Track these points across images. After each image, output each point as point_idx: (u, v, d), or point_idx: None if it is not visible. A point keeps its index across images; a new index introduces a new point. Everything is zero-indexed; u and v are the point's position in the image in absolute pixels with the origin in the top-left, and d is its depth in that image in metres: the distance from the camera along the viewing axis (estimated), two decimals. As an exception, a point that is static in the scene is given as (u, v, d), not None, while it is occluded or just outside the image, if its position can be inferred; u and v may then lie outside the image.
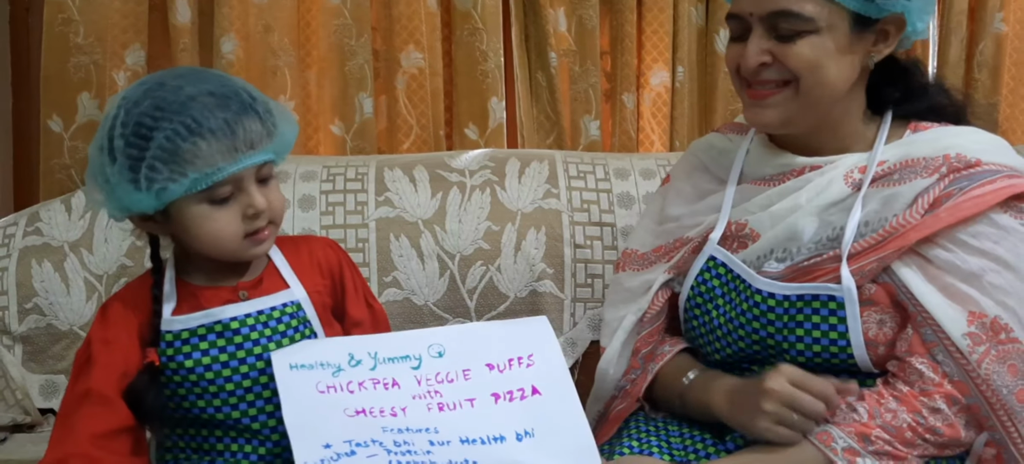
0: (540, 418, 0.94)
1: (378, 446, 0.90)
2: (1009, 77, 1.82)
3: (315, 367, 0.98)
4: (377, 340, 1.02)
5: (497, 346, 1.00)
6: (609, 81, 1.81)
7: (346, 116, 1.73)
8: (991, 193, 0.94)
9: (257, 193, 1.03)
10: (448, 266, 1.52)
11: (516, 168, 1.59)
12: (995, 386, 0.91)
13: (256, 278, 1.10)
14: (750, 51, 1.01)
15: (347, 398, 0.95)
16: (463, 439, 0.92)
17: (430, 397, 0.95)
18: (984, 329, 0.91)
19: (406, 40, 1.70)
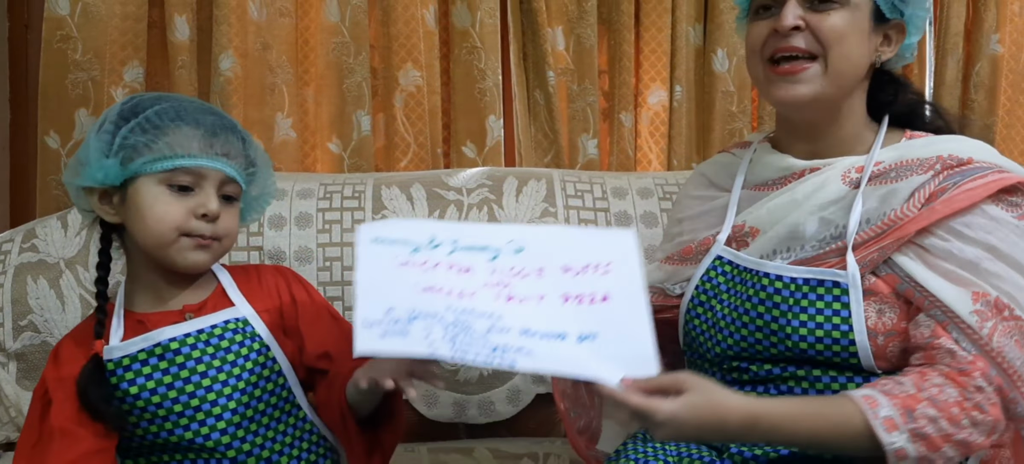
0: (605, 324, 0.93)
1: (438, 320, 0.91)
2: (1005, 98, 1.83)
3: (396, 243, 0.98)
4: (461, 227, 1.02)
5: (578, 251, 0.98)
6: (607, 100, 1.81)
7: (344, 134, 1.73)
8: (982, 186, 0.98)
9: (214, 198, 1.06)
10: (445, 285, 1.51)
11: (514, 186, 1.59)
12: (1009, 358, 0.94)
13: (201, 302, 1.11)
14: (787, 13, 1.04)
15: (420, 274, 0.95)
16: (524, 330, 0.92)
17: (500, 288, 0.95)
18: (988, 306, 0.95)
19: (404, 58, 1.71)
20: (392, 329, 0.91)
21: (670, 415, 0.87)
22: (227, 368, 1.08)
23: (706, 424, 0.89)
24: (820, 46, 1.04)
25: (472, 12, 1.71)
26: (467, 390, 1.53)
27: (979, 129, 1.81)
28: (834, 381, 1.02)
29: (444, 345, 0.89)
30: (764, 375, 1.06)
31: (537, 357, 0.90)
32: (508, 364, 0.89)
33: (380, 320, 0.91)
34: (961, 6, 1.78)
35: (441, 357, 0.90)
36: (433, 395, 1.53)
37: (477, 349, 0.89)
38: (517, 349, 0.90)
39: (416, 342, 0.89)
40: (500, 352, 0.89)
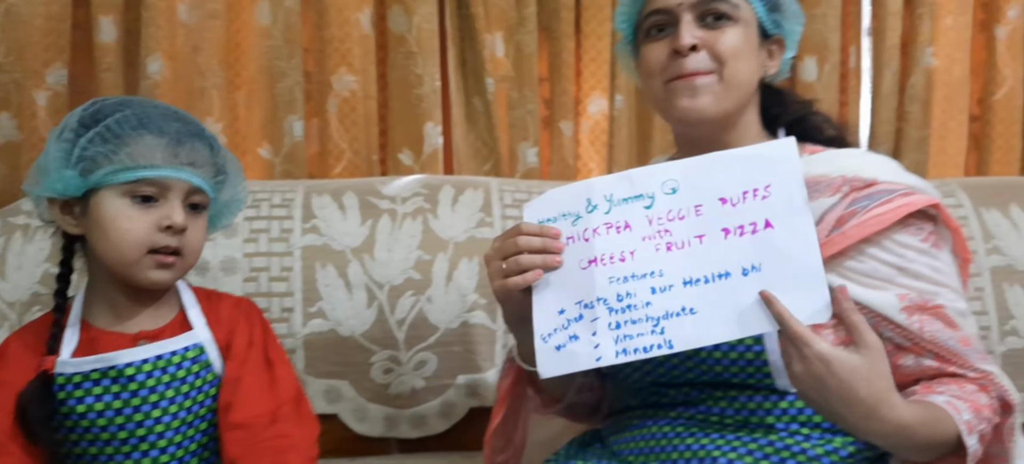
0: (769, 252, 0.91)
1: (602, 306, 0.95)
2: (939, 110, 1.85)
3: (558, 219, 1.01)
4: (612, 181, 1.01)
5: (734, 177, 0.95)
6: (547, 108, 1.79)
7: (275, 139, 1.69)
8: (890, 212, 1.01)
9: (180, 210, 1.01)
10: (376, 296, 1.48)
11: (450, 196, 1.56)
12: (941, 340, 0.98)
13: (159, 328, 1.06)
14: (683, 33, 1.04)
15: (582, 248, 0.99)
16: (686, 280, 0.93)
17: (659, 237, 0.96)
18: (912, 303, 0.99)
19: (338, 62, 1.67)
20: (565, 336, 0.96)
21: (825, 356, 0.84)
22: (180, 399, 1.04)
23: (843, 386, 0.85)
24: (717, 63, 1.05)
25: (409, 16, 1.68)
26: (398, 404, 1.50)
27: (915, 141, 1.83)
28: (751, 400, 1.02)
29: (608, 345, 0.93)
30: (684, 399, 1.05)
31: (700, 315, 0.91)
32: (668, 345, 0.91)
33: (553, 330, 0.97)
34: (896, 19, 1.79)
35: (607, 364, 0.93)
36: (363, 409, 1.49)
37: (639, 331, 0.92)
38: (679, 312, 0.92)
39: (584, 349, 0.95)
40: (661, 327, 0.92)
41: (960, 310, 1.03)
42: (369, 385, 1.48)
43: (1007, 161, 1.86)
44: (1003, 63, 1.84)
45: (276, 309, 1.46)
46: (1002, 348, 1.57)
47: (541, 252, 0.99)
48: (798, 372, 0.86)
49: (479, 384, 1.50)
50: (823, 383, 0.85)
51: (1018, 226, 1.62)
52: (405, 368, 1.49)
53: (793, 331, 0.86)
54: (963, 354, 0.99)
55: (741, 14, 1.06)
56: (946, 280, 1.03)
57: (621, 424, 1.10)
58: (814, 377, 0.85)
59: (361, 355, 1.47)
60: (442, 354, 1.49)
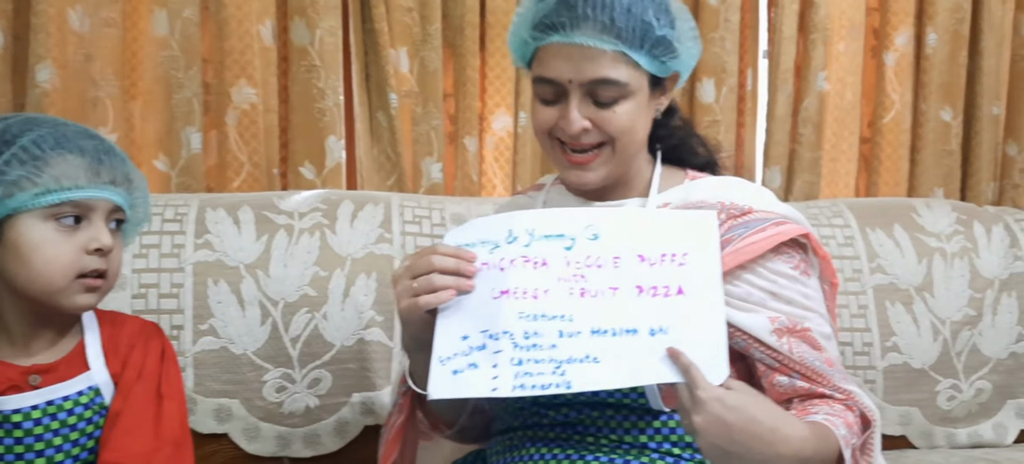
0: (677, 318, 0.93)
1: (508, 339, 0.95)
2: (831, 133, 1.91)
3: (477, 245, 1.01)
4: (537, 216, 1.03)
5: (654, 237, 0.98)
6: (452, 124, 1.79)
7: (171, 151, 1.66)
8: (764, 240, 1.06)
9: (106, 231, 0.99)
10: (270, 313, 1.46)
11: (349, 211, 1.55)
12: (808, 361, 1.03)
13: (55, 362, 1.01)
14: (573, 118, 1.05)
15: (496, 277, 0.99)
16: (594, 330, 0.94)
17: (574, 281, 0.97)
18: (783, 326, 1.04)
19: (238, 74, 1.64)
20: (464, 363, 0.95)
21: (716, 396, 0.87)
22: (68, 447, 1.00)
23: (742, 419, 0.88)
24: (608, 136, 1.06)
25: (311, 29, 1.67)
26: (291, 423, 1.48)
27: (808, 162, 1.89)
28: (626, 419, 1.04)
29: (507, 378, 0.93)
30: (562, 419, 1.07)
31: (603, 365, 0.92)
32: (566, 386, 0.91)
33: (453, 355, 0.96)
34: (791, 44, 1.85)
35: (501, 396, 0.93)
36: (254, 428, 1.47)
37: (541, 370, 0.92)
38: (583, 359, 0.92)
39: (481, 378, 0.94)
40: (563, 369, 0.92)
41: (825, 333, 1.08)
42: (261, 404, 1.46)
43: (895, 182, 1.94)
44: (892, 88, 1.92)
45: (165, 326, 1.43)
46: (884, 364, 1.63)
47: (454, 274, 0.99)
48: (699, 422, 0.88)
49: (375, 402, 1.49)
50: (723, 420, 0.87)
51: (900, 246, 1.69)
52: (299, 386, 1.47)
53: (694, 378, 0.88)
54: (828, 374, 1.04)
55: (632, 87, 1.05)
56: (814, 305, 1.08)
57: (503, 445, 1.12)
58: (713, 418, 0.87)
59: (253, 373, 1.45)
60: (337, 372, 1.47)
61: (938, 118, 1.94)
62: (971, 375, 1.68)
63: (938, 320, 1.67)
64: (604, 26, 1.02)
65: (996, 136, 1.97)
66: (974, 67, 1.95)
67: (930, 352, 1.65)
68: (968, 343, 1.68)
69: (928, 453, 1.63)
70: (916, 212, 1.75)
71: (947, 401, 1.67)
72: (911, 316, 1.65)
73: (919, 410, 1.65)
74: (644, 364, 0.92)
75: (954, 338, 1.67)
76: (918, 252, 1.69)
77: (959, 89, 1.94)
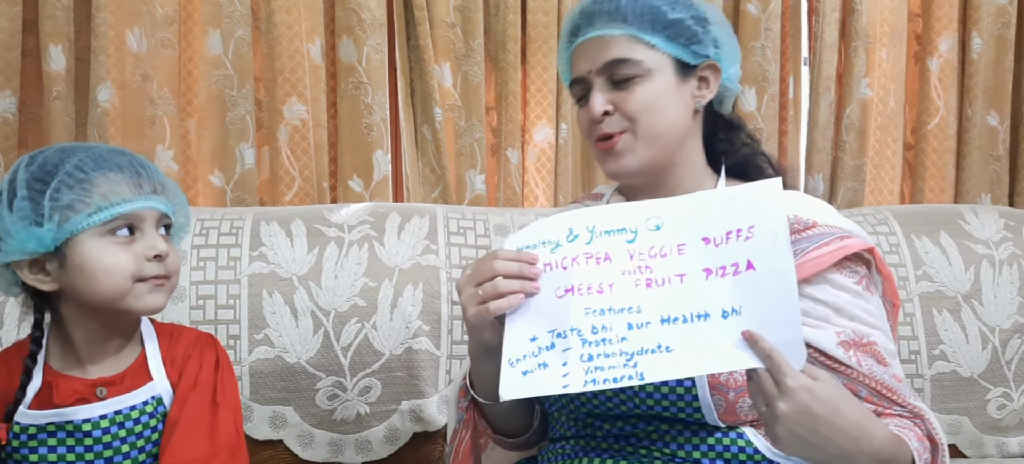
0: (750, 295, 0.90)
1: (576, 336, 0.93)
2: (875, 140, 1.90)
3: (537, 246, 1.00)
4: (597, 212, 1.01)
5: (718, 217, 0.94)
6: (494, 136, 1.83)
7: (226, 167, 1.71)
8: (828, 254, 1.04)
9: (159, 238, 1.04)
10: (322, 323, 1.50)
11: (396, 223, 1.59)
12: (877, 375, 1.01)
13: (120, 374, 1.06)
14: (594, 102, 1.08)
15: (560, 276, 0.97)
16: (664, 318, 0.92)
17: (640, 272, 0.95)
18: (849, 339, 1.02)
19: (289, 92, 1.69)
20: (533, 363, 0.94)
21: (805, 385, 0.85)
22: (134, 454, 1.04)
23: (830, 411, 0.86)
24: (630, 122, 1.07)
25: (359, 48, 1.71)
26: (343, 429, 1.52)
27: (851, 169, 1.88)
28: (680, 434, 1.03)
29: (577, 374, 0.91)
30: (617, 432, 1.07)
31: (676, 354, 0.89)
32: (639, 377, 0.89)
33: (523, 356, 0.95)
34: (833, 52, 1.85)
35: (573, 392, 0.92)
36: (308, 435, 1.51)
37: (612, 364, 0.91)
38: (655, 349, 0.90)
39: (552, 376, 0.92)
40: (635, 361, 0.90)
41: (890, 350, 1.06)
42: (314, 411, 1.50)
43: (940, 188, 1.92)
44: (936, 93, 1.90)
45: (222, 336, 1.47)
46: (931, 372, 1.62)
47: (518, 277, 0.99)
48: (785, 410, 0.85)
49: (423, 409, 1.52)
50: (810, 411, 0.85)
51: (947, 253, 1.67)
52: (350, 394, 1.50)
53: (778, 364, 0.86)
54: (897, 389, 1.03)
55: (649, 66, 1.06)
56: (877, 322, 1.06)
57: (556, 454, 1.13)
58: (800, 407, 0.85)
59: (306, 381, 1.49)
60: (386, 380, 1.50)
61: (984, 123, 1.92)
62: (1022, 383, 1.65)
63: (987, 328, 1.65)
64: (611, 15, 1.07)
65: (1045, 140, 1.95)
66: (1021, 70, 1.93)
67: (979, 360, 1.63)
68: (1019, 351, 1.65)
69: (979, 462, 1.61)
70: (963, 219, 1.73)
71: (998, 410, 1.64)
72: (959, 324, 1.64)
73: (968, 419, 1.63)
74: (720, 350, 0.89)
75: (1004, 346, 1.65)
76: (965, 259, 1.67)
77: (1005, 93, 1.92)
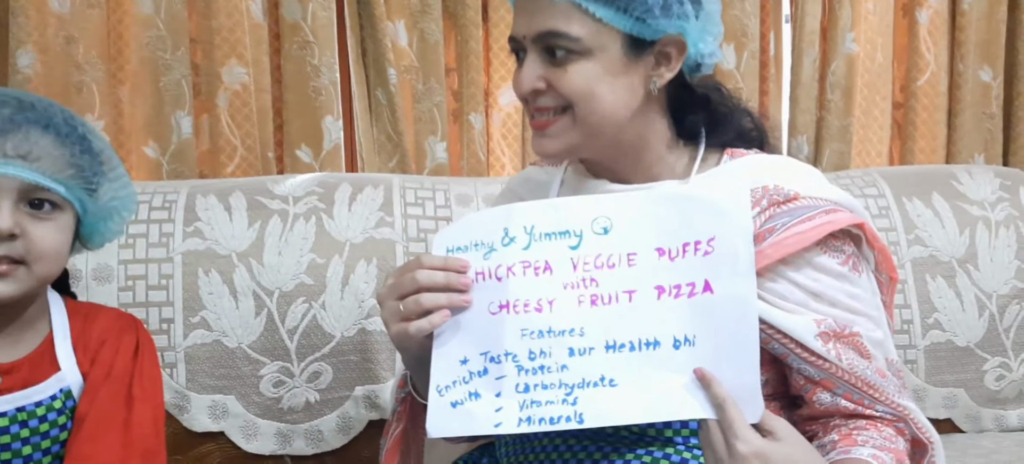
0: (705, 322, 0.81)
1: (511, 362, 0.85)
2: (861, 98, 1.80)
3: (470, 249, 0.90)
4: (536, 209, 0.90)
5: (674, 224, 0.85)
6: (456, 100, 1.70)
7: (161, 137, 1.58)
8: (811, 230, 0.92)
9: (7, 212, 0.86)
10: (265, 304, 1.38)
11: (347, 194, 1.47)
12: (858, 371, 0.92)
13: (19, 360, 0.91)
14: (524, 75, 0.95)
15: (494, 288, 0.88)
16: (610, 344, 0.83)
17: (583, 287, 0.86)
18: (829, 329, 0.92)
19: (228, 54, 1.56)
20: (464, 392, 0.86)
21: (758, 451, 0.77)
22: (38, 456, 0.91)
23: None
24: (564, 100, 0.94)
25: (303, 4, 1.58)
26: (291, 419, 1.40)
27: (837, 130, 1.78)
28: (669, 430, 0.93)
29: (511, 410, 0.83)
30: None
31: (620, 391, 0.81)
32: (578, 420, 0.81)
33: (453, 383, 0.86)
34: (816, 5, 1.74)
35: (506, 432, 0.84)
36: (252, 426, 1.38)
37: (549, 397, 0.82)
38: (597, 382, 0.82)
39: (483, 410, 0.84)
40: (574, 396, 0.82)
41: (875, 339, 0.96)
42: (258, 399, 1.38)
43: (931, 149, 1.82)
44: (926, 48, 1.80)
45: (155, 320, 1.35)
46: (925, 342, 1.52)
47: (445, 290, 0.88)
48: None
49: (379, 395, 1.41)
50: None
51: (940, 216, 1.58)
52: (298, 380, 1.39)
53: (730, 420, 0.77)
54: (880, 386, 0.93)
55: (588, 44, 0.91)
56: (863, 307, 0.96)
57: (512, 439, 1.02)
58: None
59: (249, 367, 1.37)
60: (338, 364, 1.39)
61: (977, 79, 1.82)
62: (1021, 352, 1.56)
63: (983, 294, 1.55)
64: None
65: (1040, 96, 1.85)
66: (1014, 23, 1.83)
67: (975, 329, 1.53)
68: (1017, 318, 1.56)
69: (977, 437, 1.51)
70: (956, 179, 1.63)
71: (995, 381, 1.55)
72: (954, 290, 1.54)
73: (965, 391, 1.54)
74: (669, 390, 0.80)
75: (1002, 313, 1.55)
76: (959, 222, 1.57)
77: (998, 47, 1.82)
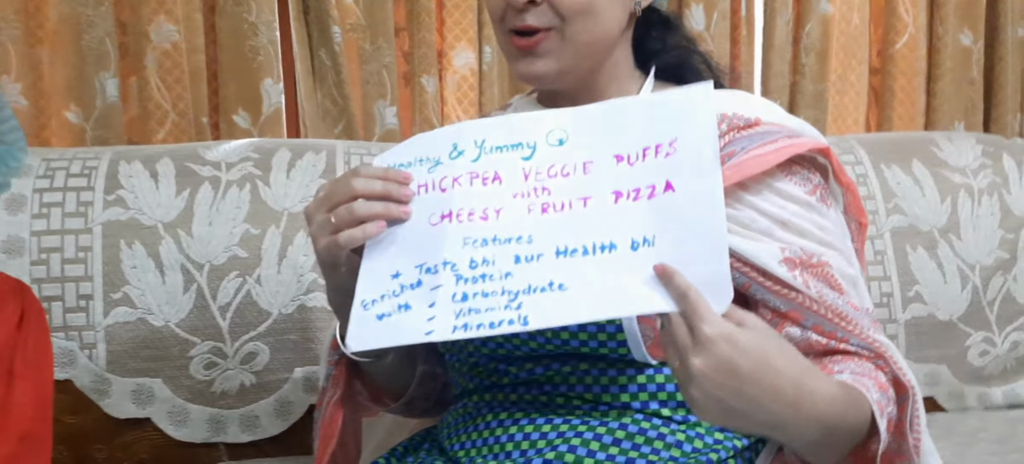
0: (666, 221, 0.74)
1: (449, 271, 0.77)
2: (837, 62, 1.72)
3: (413, 165, 0.84)
4: (488, 125, 0.85)
5: (634, 130, 0.79)
6: (406, 62, 1.59)
7: (84, 101, 1.46)
8: (772, 153, 0.86)
9: None
10: (195, 278, 1.27)
11: (285, 160, 1.35)
12: (829, 301, 0.84)
13: None
14: None
15: (436, 199, 0.81)
16: (560, 250, 0.75)
17: (534, 196, 0.79)
18: (795, 256, 0.85)
19: (156, 10, 1.44)
20: (393, 304, 0.77)
21: (726, 334, 0.66)
22: None
23: (759, 367, 0.67)
24: (559, 19, 0.87)
25: (240, -44, 1.46)
26: (224, 403, 1.29)
27: (812, 95, 1.69)
28: (603, 374, 0.84)
29: (446, 317, 0.74)
30: (526, 377, 0.87)
31: (570, 293, 0.72)
32: (522, 322, 0.72)
33: (380, 296, 0.78)
34: (790, -38, 1.65)
35: (438, 339, 0.75)
36: (181, 411, 1.27)
37: (490, 305, 0.73)
38: (545, 287, 0.73)
39: (413, 321, 0.75)
40: (519, 301, 0.73)
41: (849, 275, 0.88)
42: (188, 383, 1.27)
43: (909, 116, 1.74)
44: (904, 10, 1.72)
45: (72, 297, 1.24)
46: (905, 316, 1.44)
47: (383, 200, 0.81)
48: (699, 367, 0.67)
49: (320, 378, 1.30)
50: (732, 368, 0.67)
51: (921, 183, 1.50)
52: (231, 362, 1.28)
53: (694, 305, 0.67)
54: (854, 318, 0.84)
55: None
56: (834, 240, 0.89)
57: (455, 416, 0.92)
58: (720, 363, 0.67)
59: (177, 348, 1.26)
60: (275, 344, 1.28)
61: (957, 43, 1.74)
62: (1006, 326, 1.48)
63: (966, 265, 1.47)
64: None
65: (1022, 61, 1.77)
66: (996, -16, 1.75)
67: (958, 302, 1.45)
68: (1001, 290, 1.48)
69: (960, 416, 1.44)
70: (937, 146, 1.54)
71: (979, 357, 1.47)
72: (935, 262, 1.45)
73: (947, 367, 1.46)
74: (625, 289, 0.71)
75: (985, 285, 1.47)
76: (941, 190, 1.49)
77: (979, 9, 1.74)
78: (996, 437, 1.34)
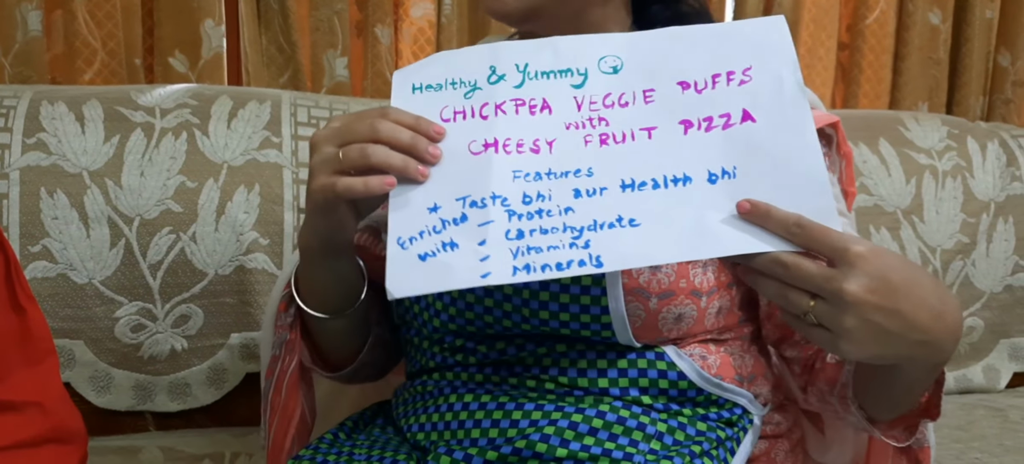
0: (747, 153, 0.68)
1: (500, 206, 0.69)
2: (807, 35, 1.68)
3: (444, 88, 0.75)
4: (528, 47, 0.76)
5: (698, 56, 0.72)
6: (359, 10, 1.50)
7: (3, 33, 1.33)
8: None
9: None
10: (123, 233, 1.16)
11: (226, 108, 1.25)
12: None
13: None
14: None
15: (476, 126, 0.73)
16: (626, 183, 0.69)
17: (591, 126, 0.72)
18: None
19: (86, -63, 1.32)
20: (436, 243, 0.68)
21: (875, 249, 0.63)
22: None
23: (906, 279, 0.63)
24: None
25: None
26: (153, 370, 1.19)
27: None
28: (581, 357, 0.77)
29: (503, 257, 0.66)
30: (496, 357, 0.80)
31: (644, 230, 0.66)
32: (595, 262, 0.65)
33: (419, 233, 0.69)
34: (762, -72, 1.60)
35: (500, 282, 0.66)
36: (105, 376, 1.18)
37: (552, 243, 0.66)
38: (614, 222, 0.67)
39: (464, 262, 0.67)
40: (586, 239, 0.66)
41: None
42: (113, 346, 1.18)
43: (875, 94, 1.72)
44: (875, -15, 1.69)
45: (-16, 249, 1.12)
46: (866, 298, 1.42)
47: (408, 152, 0.71)
48: (854, 291, 0.62)
49: (258, 344, 1.22)
50: (888, 283, 0.63)
51: (887, 163, 1.47)
52: (161, 325, 1.19)
53: (820, 234, 0.63)
54: None
55: None
56: (843, 209, 0.87)
57: (412, 393, 0.84)
58: (877, 281, 0.62)
59: (102, 308, 1.16)
60: (210, 307, 1.20)
61: (926, 21, 1.72)
62: (965, 311, 1.47)
63: (928, 248, 1.45)
64: None
65: (988, 43, 1.76)
66: (966, -37, 1.72)
67: (918, 285, 1.44)
68: (960, 274, 1.47)
69: (916, 400, 1.42)
70: (904, 125, 1.52)
71: (937, 341, 1.46)
72: (898, 243, 1.44)
73: (904, 351, 1.44)
74: (709, 227, 0.66)
75: (945, 269, 1.46)
76: (907, 170, 1.47)
77: (950, -13, 1.72)
78: (956, 424, 1.32)
